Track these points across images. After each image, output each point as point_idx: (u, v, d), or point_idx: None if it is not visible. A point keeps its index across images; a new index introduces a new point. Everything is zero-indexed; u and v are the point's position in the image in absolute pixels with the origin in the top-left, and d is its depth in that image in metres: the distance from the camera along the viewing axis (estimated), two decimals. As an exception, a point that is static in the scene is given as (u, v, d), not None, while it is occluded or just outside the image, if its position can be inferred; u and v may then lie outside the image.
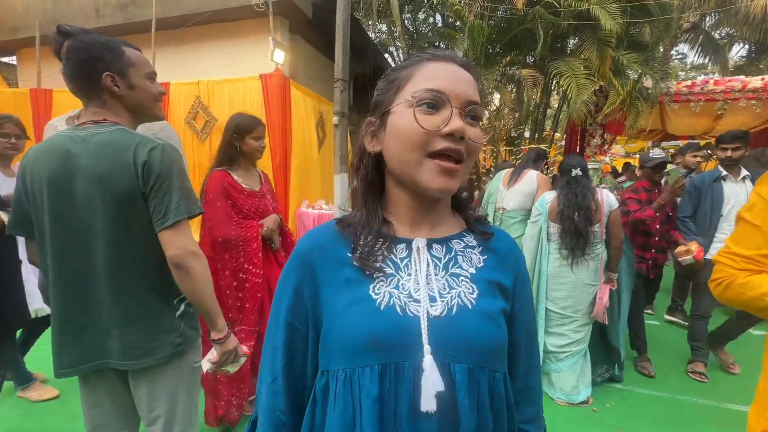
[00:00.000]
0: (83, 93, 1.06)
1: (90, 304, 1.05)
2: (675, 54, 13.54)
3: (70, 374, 1.07)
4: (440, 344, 0.51)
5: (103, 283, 1.04)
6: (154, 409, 1.13)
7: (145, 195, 1.02)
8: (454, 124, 0.50)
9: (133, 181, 1.00)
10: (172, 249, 1.02)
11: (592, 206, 2.22)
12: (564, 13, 5.61)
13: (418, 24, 10.84)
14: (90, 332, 1.05)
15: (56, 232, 1.03)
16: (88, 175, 1.00)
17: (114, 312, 1.05)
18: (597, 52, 5.52)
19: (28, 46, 7.11)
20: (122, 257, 1.04)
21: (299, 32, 6.49)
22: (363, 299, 0.54)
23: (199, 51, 6.42)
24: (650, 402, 2.42)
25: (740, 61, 12.87)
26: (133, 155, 1.00)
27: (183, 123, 6.02)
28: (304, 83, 6.49)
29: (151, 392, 1.12)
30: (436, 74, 0.53)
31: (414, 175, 0.53)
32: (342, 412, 0.51)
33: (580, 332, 2.37)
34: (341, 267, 0.56)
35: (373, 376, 0.50)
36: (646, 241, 2.91)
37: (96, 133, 1.03)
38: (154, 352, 1.08)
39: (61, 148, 1.01)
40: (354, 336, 0.52)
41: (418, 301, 0.53)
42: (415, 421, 0.50)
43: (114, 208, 1.01)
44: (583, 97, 5.24)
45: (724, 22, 9.79)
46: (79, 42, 1.02)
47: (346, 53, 4.85)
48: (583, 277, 2.30)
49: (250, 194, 1.88)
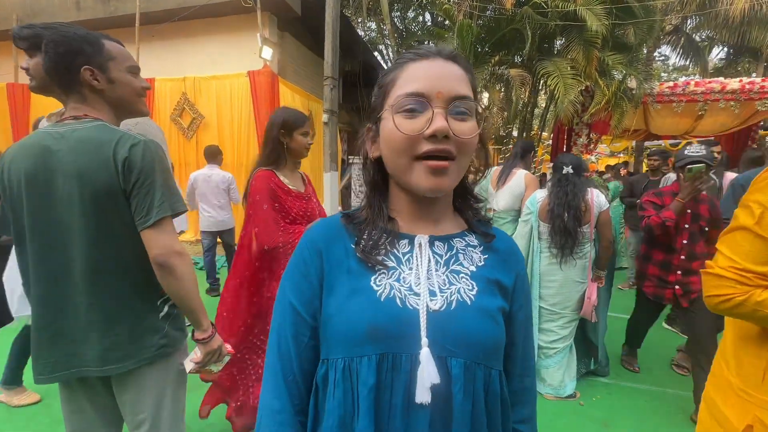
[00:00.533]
0: (62, 88, 1.02)
1: (67, 308, 1.01)
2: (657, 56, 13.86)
3: (46, 381, 1.03)
4: (438, 338, 0.52)
5: (81, 285, 1.00)
6: (139, 413, 1.10)
7: (126, 192, 0.99)
8: (435, 125, 0.50)
9: (113, 178, 0.97)
10: (156, 248, 0.99)
11: (582, 206, 2.24)
12: (551, 13, 5.69)
13: (407, 22, 10.84)
14: (66, 338, 1.01)
15: (35, 232, 0.99)
16: (68, 173, 0.96)
17: (93, 315, 1.01)
18: (583, 53, 5.62)
19: (4, 39, 6.85)
20: (102, 257, 1.00)
21: (288, 29, 6.41)
22: (364, 290, 0.54)
23: (185, 46, 6.29)
24: (635, 395, 2.48)
25: (719, 63, 13.27)
26: (113, 151, 0.97)
27: (168, 120, 5.90)
28: (292, 80, 6.42)
29: (135, 396, 1.08)
30: (417, 76, 0.53)
31: (405, 178, 0.54)
32: (341, 401, 0.52)
33: (566, 328, 2.42)
34: (345, 258, 0.58)
35: (370, 366, 0.51)
36: (668, 260, 2.37)
37: (75, 128, 0.99)
38: (137, 354, 1.04)
39: (40, 145, 0.98)
40: (353, 326, 0.53)
41: (418, 295, 0.54)
42: (409, 412, 0.51)
43: (93, 206, 0.98)
44: (570, 97, 5.33)
45: (704, 25, 10.07)
46: (58, 35, 0.98)
47: (335, 51, 4.83)
48: (571, 274, 2.34)
49: (298, 196, 1.73)
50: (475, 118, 0.54)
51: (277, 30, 6.17)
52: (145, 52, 5.95)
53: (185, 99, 5.87)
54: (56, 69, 0.99)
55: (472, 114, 0.53)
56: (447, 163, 0.52)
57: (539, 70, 5.82)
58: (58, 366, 1.02)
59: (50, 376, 1.03)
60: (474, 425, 0.52)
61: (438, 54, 0.54)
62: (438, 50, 0.55)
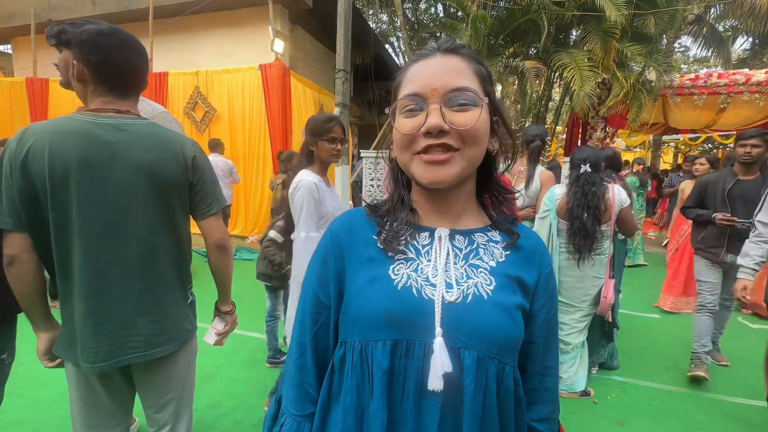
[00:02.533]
0: (108, 85, 1.04)
1: (115, 294, 1.03)
2: (678, 46, 13.42)
3: (93, 371, 1.03)
4: (452, 329, 0.53)
5: (135, 270, 1.04)
6: (167, 393, 1.17)
7: (191, 186, 1.12)
8: (428, 123, 0.52)
9: (183, 172, 1.09)
10: (218, 233, 1.17)
11: (602, 206, 2.16)
12: (568, 3, 5.53)
13: (419, 14, 10.70)
14: (113, 325, 1.03)
15: (86, 219, 0.99)
16: (133, 163, 1.02)
17: (144, 300, 1.06)
18: (601, 44, 5.46)
19: (23, 34, 6.99)
20: (159, 244, 1.07)
21: (299, 22, 6.39)
22: (382, 278, 0.57)
23: (198, 40, 6.32)
24: (651, 394, 2.43)
25: (744, 54, 12.78)
26: (181, 149, 1.09)
27: (182, 113, 5.95)
28: (303, 74, 6.41)
29: (165, 378, 1.16)
30: (414, 77, 0.55)
31: (411, 173, 0.57)
32: (358, 381, 0.55)
33: (582, 322, 2.38)
34: (366, 247, 0.60)
35: (384, 350, 0.53)
36: None
37: (133, 123, 1.05)
38: (177, 337, 1.14)
39: (90, 134, 0.98)
40: (370, 311, 0.55)
41: (434, 286, 0.55)
42: (421, 398, 0.53)
43: (159, 196, 1.06)
44: (587, 89, 5.20)
45: (728, 14, 9.69)
46: (131, 38, 1.07)
47: (347, 43, 4.79)
48: (589, 271, 2.30)
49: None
50: (479, 107, 0.54)
51: (288, 23, 6.15)
52: (158, 46, 6.01)
53: (198, 93, 5.91)
54: (128, 71, 1.06)
55: (475, 103, 0.53)
56: (445, 156, 0.53)
57: (555, 62, 5.68)
58: (100, 355, 1.02)
59: (94, 366, 1.02)
60: (484, 418, 0.53)
61: (437, 50, 0.56)
62: (437, 46, 0.57)
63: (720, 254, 2.54)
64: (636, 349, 2.89)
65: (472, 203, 0.63)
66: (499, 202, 0.64)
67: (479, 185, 0.63)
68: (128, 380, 1.15)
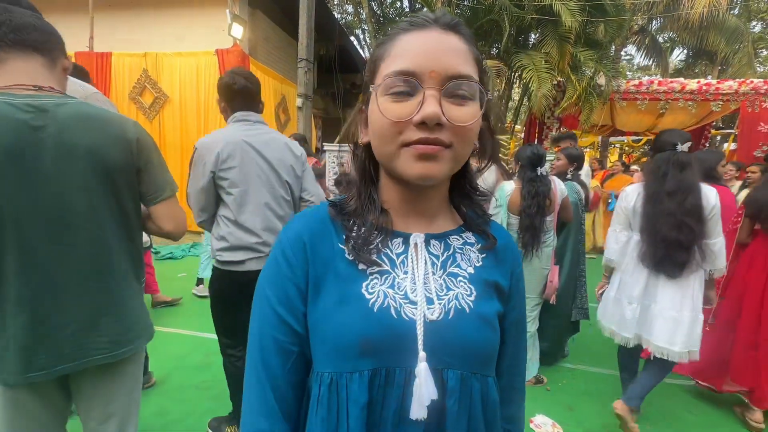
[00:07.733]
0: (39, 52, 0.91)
1: (69, 296, 0.93)
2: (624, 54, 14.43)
3: (42, 378, 0.92)
4: (435, 350, 0.48)
5: (88, 267, 0.94)
6: (112, 402, 1.06)
7: (138, 171, 1.03)
8: (425, 111, 0.43)
9: (128, 155, 0.99)
10: (170, 224, 1.10)
11: (546, 202, 2.33)
12: (528, 7, 5.74)
13: (385, 8, 10.63)
14: (72, 329, 0.93)
15: (20, 220, 0.87)
16: (65, 149, 0.89)
17: (103, 299, 0.97)
18: (557, 48, 5.73)
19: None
20: (109, 236, 0.97)
21: (259, 6, 6.10)
22: (355, 297, 0.49)
23: (147, 19, 5.84)
24: (599, 380, 2.60)
25: (679, 64, 14.01)
26: (122, 130, 0.98)
27: (127, 98, 5.50)
28: (264, 62, 6.14)
29: (114, 384, 1.05)
30: (408, 50, 0.45)
31: (393, 165, 0.48)
32: (326, 418, 0.47)
33: (534, 311, 2.52)
34: (332, 258, 0.51)
35: (362, 382, 0.47)
36: None
37: (59, 103, 0.90)
38: (145, 333, 1.07)
39: (12, 119, 0.84)
40: (343, 338, 0.47)
41: (414, 303, 0.49)
42: (399, 428, 0.47)
43: (104, 183, 0.95)
44: (544, 90, 5.45)
45: (667, 26, 10.54)
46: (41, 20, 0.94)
47: (310, 32, 4.64)
48: (538, 263, 2.41)
49: None
50: (477, 101, 0.46)
51: (248, 7, 5.85)
52: (100, 22, 5.48)
53: (147, 76, 5.48)
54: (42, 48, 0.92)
55: (473, 96, 0.46)
56: (438, 148, 0.45)
57: (515, 62, 5.89)
58: (64, 357, 0.93)
59: (51, 370, 0.92)
60: None
61: (435, 22, 0.46)
62: (435, 17, 0.47)
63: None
64: (584, 336, 3.07)
65: (445, 203, 0.58)
66: (472, 201, 0.58)
67: (451, 184, 0.57)
68: (65, 391, 1.03)
